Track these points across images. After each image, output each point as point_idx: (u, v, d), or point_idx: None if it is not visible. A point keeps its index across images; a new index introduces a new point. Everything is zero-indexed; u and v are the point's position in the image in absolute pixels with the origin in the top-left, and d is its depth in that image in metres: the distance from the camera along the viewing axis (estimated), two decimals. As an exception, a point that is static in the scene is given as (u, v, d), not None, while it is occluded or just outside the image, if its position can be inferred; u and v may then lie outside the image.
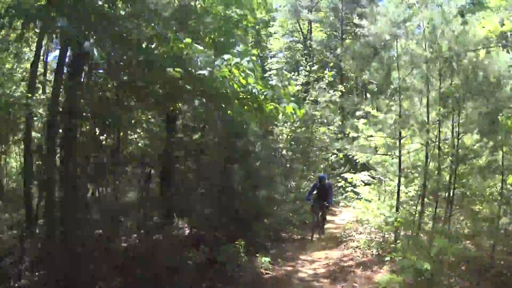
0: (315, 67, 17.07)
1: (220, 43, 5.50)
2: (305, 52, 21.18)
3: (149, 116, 7.91)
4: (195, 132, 7.75)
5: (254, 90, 3.91)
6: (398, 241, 6.38)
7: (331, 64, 19.25)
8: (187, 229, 7.40)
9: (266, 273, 5.91)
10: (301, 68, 18.19)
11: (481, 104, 5.46)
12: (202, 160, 7.06)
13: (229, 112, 4.62)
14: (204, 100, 4.46)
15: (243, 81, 4.06)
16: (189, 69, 3.87)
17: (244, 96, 4.24)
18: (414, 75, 6.60)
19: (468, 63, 5.79)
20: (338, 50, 20.09)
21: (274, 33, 21.70)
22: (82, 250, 5.13)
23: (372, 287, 5.32)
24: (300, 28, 23.42)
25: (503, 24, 8.14)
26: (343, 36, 22.13)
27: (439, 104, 5.84)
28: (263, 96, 4.09)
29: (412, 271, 4.17)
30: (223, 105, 4.47)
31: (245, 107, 4.45)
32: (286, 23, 23.33)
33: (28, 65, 8.23)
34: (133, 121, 6.65)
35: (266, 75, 14.36)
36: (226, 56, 3.91)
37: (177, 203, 6.88)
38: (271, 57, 21.36)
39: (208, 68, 3.83)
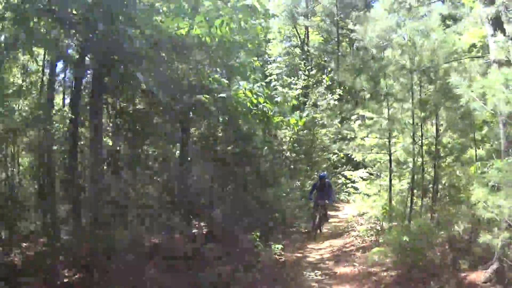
0: (314, 71, 18.22)
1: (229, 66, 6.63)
2: (303, 57, 22.26)
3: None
4: (209, 140, 8.89)
5: (264, 109, 5.08)
6: (391, 227, 7.51)
7: (329, 69, 20.31)
8: (205, 228, 8.54)
9: (279, 258, 7.07)
10: (300, 72, 19.32)
11: (454, 108, 6.58)
12: (217, 163, 8.18)
13: (240, 122, 5.80)
14: (223, 115, 5.62)
15: (255, 101, 5.23)
16: (213, 93, 5.02)
17: (256, 112, 5.41)
18: (399, 83, 7.73)
19: (443, 73, 6.92)
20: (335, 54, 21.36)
21: (273, 39, 22.85)
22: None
23: (368, 265, 6.47)
24: (298, 33, 24.52)
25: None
26: (339, 39, 23.33)
27: (419, 109, 6.97)
28: (271, 112, 5.26)
29: (394, 243, 5.31)
30: (239, 119, 5.63)
31: (257, 120, 5.62)
32: (283, 29, 24.45)
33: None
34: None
35: (267, 80, 15.45)
36: (242, 83, 5.08)
37: (194, 203, 8.01)
38: (270, 62, 22.47)
39: (227, 92, 5.00)
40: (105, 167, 7.53)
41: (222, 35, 4.58)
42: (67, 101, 8.97)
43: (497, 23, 5.54)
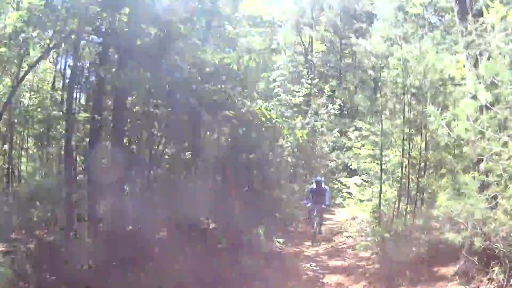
0: (316, 80, 19.40)
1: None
2: (306, 65, 23.46)
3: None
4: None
5: (277, 124, 6.27)
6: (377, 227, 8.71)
7: (331, 80, 21.49)
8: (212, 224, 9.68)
9: (280, 250, 8.25)
10: (303, 80, 20.51)
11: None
12: (228, 167, 9.34)
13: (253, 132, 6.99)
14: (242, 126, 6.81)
15: (268, 116, 6.42)
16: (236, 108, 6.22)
17: (269, 125, 6.60)
18: (392, 102, 8.93)
19: (430, 96, 8.13)
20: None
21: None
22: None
23: (357, 260, 7.67)
24: (302, 41, 25.71)
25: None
26: (342, 48, 24.61)
27: (407, 127, 8.17)
28: (282, 126, 6.46)
29: (378, 239, 6.49)
30: (254, 131, 6.82)
31: (268, 131, 6.81)
32: (289, 37, 25.64)
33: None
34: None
35: (270, 86, 16.59)
36: (259, 101, 6.27)
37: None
38: (275, 69, 23.66)
39: (247, 109, 6.19)
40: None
41: (248, 65, 5.76)
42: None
43: (475, 61, 6.72)
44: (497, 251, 5.14)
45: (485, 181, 5.21)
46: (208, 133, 7.00)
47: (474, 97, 5.79)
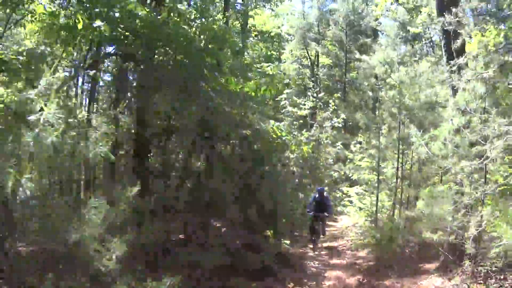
0: (322, 94, 20.78)
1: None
2: (312, 79, 24.86)
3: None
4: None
5: (286, 141, 7.64)
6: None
7: (335, 95, 22.75)
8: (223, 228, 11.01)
9: (287, 250, 9.57)
10: (309, 93, 21.85)
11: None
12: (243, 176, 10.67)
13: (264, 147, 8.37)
14: (256, 142, 8.19)
15: (279, 134, 7.80)
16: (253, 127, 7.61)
17: (279, 142, 7.98)
18: (388, 121, 10.28)
19: (420, 116, 9.48)
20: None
21: (284, 62, 25.51)
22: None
23: (355, 259, 8.98)
24: (308, 55, 27.15)
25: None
26: (347, 61, 26.00)
27: (400, 143, 9.52)
28: (290, 142, 7.84)
29: (370, 237, 7.82)
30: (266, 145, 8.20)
31: (279, 147, 8.19)
32: (295, 51, 27.11)
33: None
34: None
35: (277, 98, 18.00)
36: (271, 121, 7.65)
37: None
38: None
39: (261, 128, 7.57)
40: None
41: (264, 94, 7.16)
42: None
43: (454, 91, 8.07)
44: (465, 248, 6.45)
45: (458, 190, 6.58)
46: (227, 147, 8.35)
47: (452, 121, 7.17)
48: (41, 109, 3.07)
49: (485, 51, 6.50)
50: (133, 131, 8.09)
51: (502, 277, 6.12)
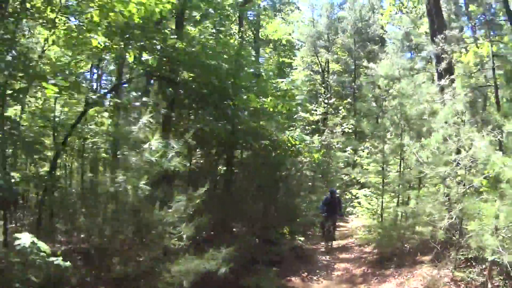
0: (332, 100, 22.16)
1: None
2: (323, 85, 26.19)
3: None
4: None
5: (300, 149, 9.04)
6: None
7: (345, 101, 24.14)
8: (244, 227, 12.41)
9: (301, 246, 10.95)
10: (320, 99, 23.13)
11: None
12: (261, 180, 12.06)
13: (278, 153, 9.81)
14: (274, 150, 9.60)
15: (294, 142, 9.20)
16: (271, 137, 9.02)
17: (294, 150, 9.37)
18: (391, 129, 11.59)
19: (417, 125, 10.79)
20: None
21: (295, 68, 26.88)
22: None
23: (361, 254, 10.33)
24: (319, 62, 28.46)
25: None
26: (356, 68, 27.28)
27: (401, 149, 10.82)
28: (304, 151, 9.24)
29: (375, 234, 9.19)
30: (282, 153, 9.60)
31: (293, 154, 9.59)
32: (306, 58, 28.46)
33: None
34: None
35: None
36: (286, 132, 9.05)
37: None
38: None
39: (278, 136, 8.98)
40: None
41: (280, 110, 8.60)
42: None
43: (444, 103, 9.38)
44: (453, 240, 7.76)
45: (446, 192, 7.91)
46: (250, 155, 9.81)
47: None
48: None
49: (464, 72, 7.82)
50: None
51: (481, 265, 7.40)
